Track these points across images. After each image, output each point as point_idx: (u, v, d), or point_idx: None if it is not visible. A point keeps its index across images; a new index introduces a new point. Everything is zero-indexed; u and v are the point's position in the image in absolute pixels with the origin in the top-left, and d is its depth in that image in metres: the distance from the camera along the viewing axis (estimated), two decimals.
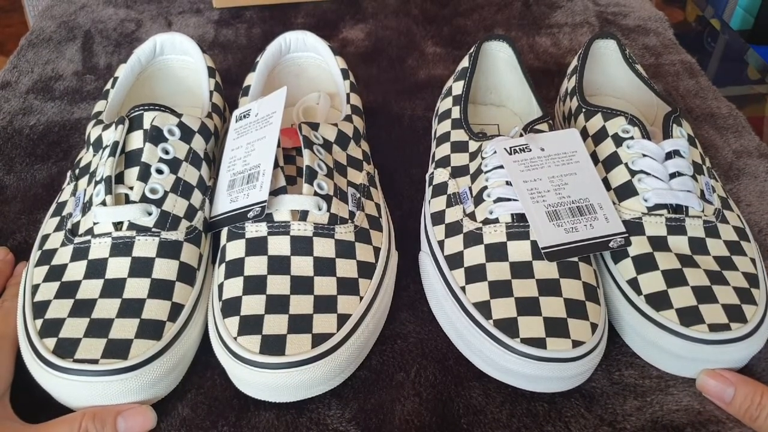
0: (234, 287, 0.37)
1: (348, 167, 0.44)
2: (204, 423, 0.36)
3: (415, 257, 0.44)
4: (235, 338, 0.35)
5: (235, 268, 0.38)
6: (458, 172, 0.44)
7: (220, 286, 0.38)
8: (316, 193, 0.39)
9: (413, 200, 0.48)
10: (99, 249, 0.37)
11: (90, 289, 0.36)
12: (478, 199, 0.41)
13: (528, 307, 0.36)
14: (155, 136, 0.40)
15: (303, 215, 0.39)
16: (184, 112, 0.44)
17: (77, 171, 0.43)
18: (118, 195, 0.38)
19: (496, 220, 0.40)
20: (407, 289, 0.43)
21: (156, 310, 0.36)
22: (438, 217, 0.43)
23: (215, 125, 0.45)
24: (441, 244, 0.41)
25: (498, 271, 0.38)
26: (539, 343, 0.35)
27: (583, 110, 0.46)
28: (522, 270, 0.38)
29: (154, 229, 0.38)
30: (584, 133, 0.45)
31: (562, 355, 0.34)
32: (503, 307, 0.36)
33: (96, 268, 0.37)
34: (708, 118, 0.58)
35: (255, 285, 0.37)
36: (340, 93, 0.50)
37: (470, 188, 0.42)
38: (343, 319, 0.36)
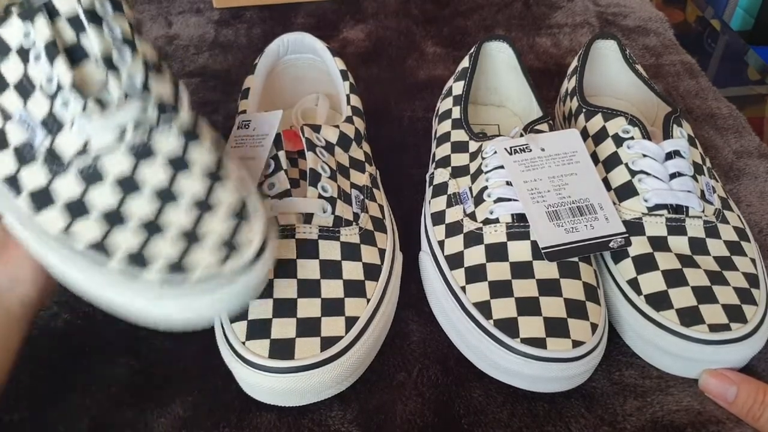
0: None
1: (351, 169, 0.44)
2: (205, 424, 0.36)
3: (416, 257, 0.44)
4: (244, 343, 0.35)
5: None
6: (458, 172, 0.44)
7: None
8: (320, 196, 0.39)
9: (413, 200, 0.49)
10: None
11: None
12: (479, 199, 0.41)
13: (528, 307, 0.36)
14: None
15: (308, 218, 0.39)
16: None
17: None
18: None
19: (496, 220, 0.40)
20: (408, 289, 0.43)
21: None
22: (438, 217, 0.43)
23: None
24: (441, 244, 0.41)
25: (498, 271, 0.38)
26: (539, 343, 0.35)
27: (584, 110, 0.46)
28: (522, 270, 0.38)
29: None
30: (584, 134, 0.45)
31: (562, 355, 0.34)
32: (503, 307, 0.37)
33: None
34: (708, 119, 0.58)
35: (261, 289, 0.37)
36: (340, 94, 0.50)
37: (470, 188, 0.42)
38: (351, 321, 0.36)
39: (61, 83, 0.30)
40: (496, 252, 0.39)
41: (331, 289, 0.37)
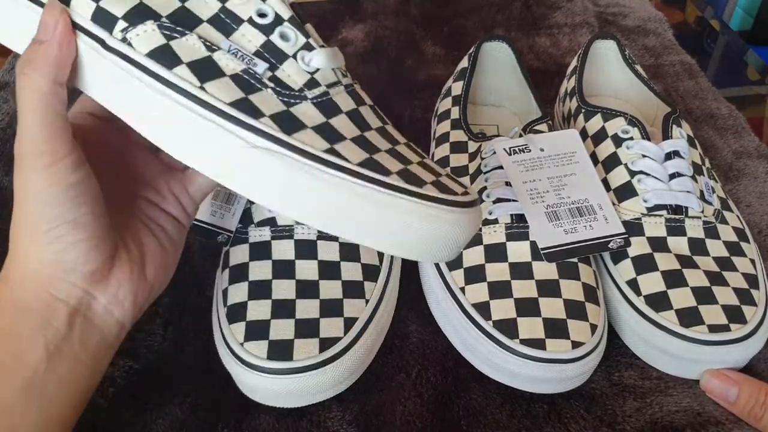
0: (239, 292, 0.37)
1: None
2: (204, 426, 0.36)
3: None
4: (242, 344, 0.35)
5: (239, 274, 0.38)
6: (457, 172, 0.44)
7: (225, 292, 0.38)
8: None
9: None
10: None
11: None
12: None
13: (527, 307, 0.36)
14: None
15: None
16: None
17: None
18: None
19: (495, 221, 0.40)
20: (407, 289, 0.43)
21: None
22: None
23: None
24: None
25: (497, 271, 0.38)
26: (539, 344, 0.35)
27: (583, 111, 0.46)
28: (521, 271, 0.38)
29: None
30: (584, 134, 0.45)
31: (561, 356, 0.34)
32: (503, 308, 0.36)
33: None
34: (707, 119, 0.57)
35: (260, 290, 0.37)
36: None
37: None
38: (350, 322, 0.36)
39: (280, 16, 0.31)
40: (496, 252, 0.39)
41: (330, 289, 0.37)
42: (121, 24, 0.28)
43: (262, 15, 0.30)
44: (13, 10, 0.30)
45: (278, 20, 0.30)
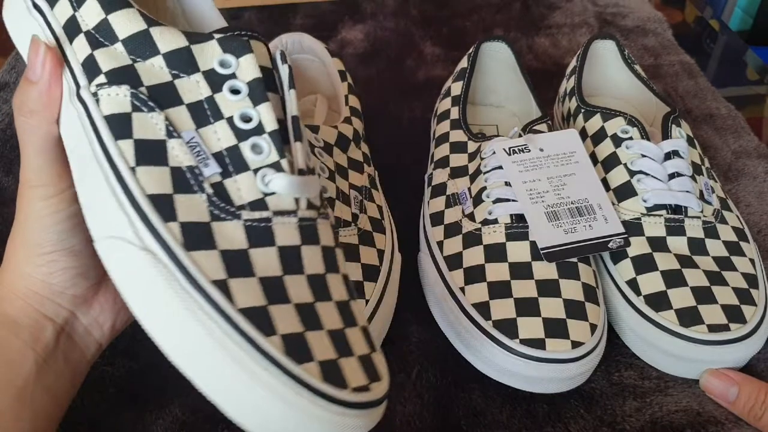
0: None
1: (349, 170, 0.44)
2: (204, 426, 0.36)
3: (415, 258, 0.44)
4: None
5: None
6: (457, 172, 0.44)
7: None
8: None
9: (412, 201, 0.48)
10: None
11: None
12: (477, 200, 0.41)
13: (527, 307, 0.36)
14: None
15: None
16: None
17: None
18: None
19: (495, 221, 0.40)
20: (407, 290, 0.43)
21: None
22: (437, 218, 0.43)
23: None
24: (440, 244, 0.41)
25: (497, 271, 0.38)
26: (538, 343, 0.35)
27: (582, 111, 0.46)
28: (521, 271, 0.38)
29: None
30: (583, 134, 0.45)
31: (561, 356, 0.34)
32: (502, 308, 0.36)
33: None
34: (707, 119, 0.58)
35: None
36: (339, 95, 0.50)
37: (469, 189, 0.42)
38: None
39: (262, 127, 0.28)
40: (495, 252, 0.39)
41: None
42: (101, 78, 0.28)
43: (245, 119, 0.28)
44: (24, 20, 0.31)
45: (259, 129, 0.28)
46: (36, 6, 0.30)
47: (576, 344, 0.35)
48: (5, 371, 0.29)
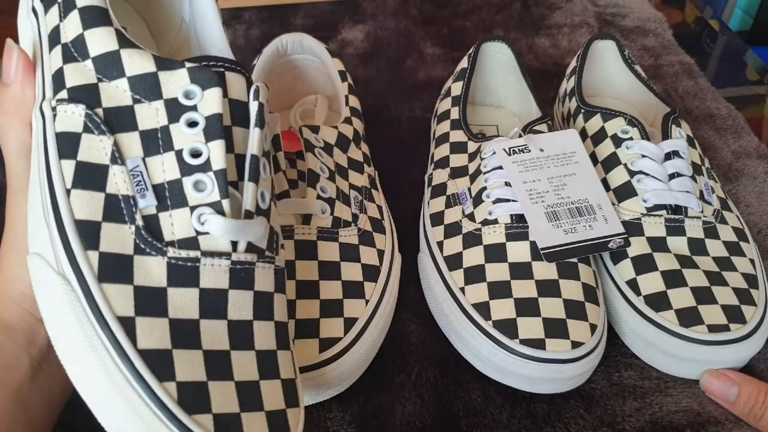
0: None
1: (349, 170, 0.44)
2: None
3: (415, 258, 0.44)
4: None
5: None
6: (457, 172, 0.44)
7: None
8: (318, 197, 0.39)
9: (412, 201, 0.48)
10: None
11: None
12: (477, 200, 0.41)
13: (527, 308, 0.36)
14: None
15: (306, 219, 0.39)
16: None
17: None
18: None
19: (495, 221, 0.40)
20: (407, 290, 0.43)
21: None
22: (437, 218, 0.43)
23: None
24: (440, 245, 0.41)
25: (497, 271, 0.38)
26: (538, 344, 0.35)
27: (582, 111, 0.46)
28: (521, 271, 0.38)
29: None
30: (583, 134, 0.45)
31: (561, 356, 0.34)
32: (502, 308, 0.36)
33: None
34: (707, 119, 0.58)
35: None
36: (339, 95, 0.50)
37: (469, 189, 0.42)
38: (350, 323, 0.36)
39: (210, 164, 0.27)
40: (495, 253, 0.39)
41: (330, 290, 0.37)
42: (63, 94, 0.27)
43: (195, 154, 0.27)
44: (24, 21, 0.32)
45: (205, 166, 0.27)
46: (33, 10, 0.31)
47: (576, 344, 0.35)
48: (0, 374, 0.29)
